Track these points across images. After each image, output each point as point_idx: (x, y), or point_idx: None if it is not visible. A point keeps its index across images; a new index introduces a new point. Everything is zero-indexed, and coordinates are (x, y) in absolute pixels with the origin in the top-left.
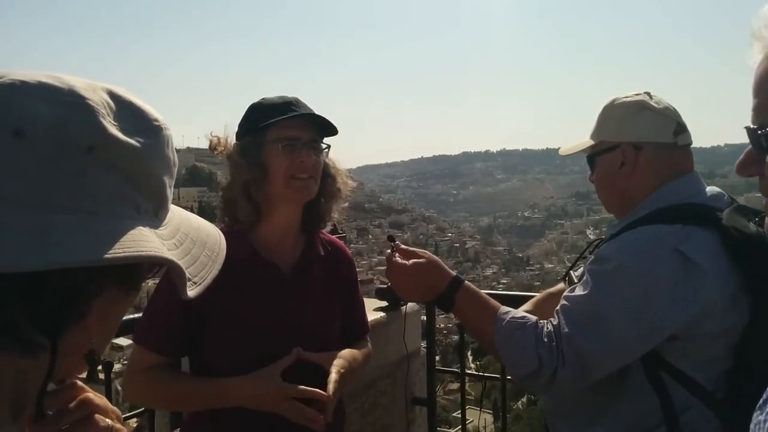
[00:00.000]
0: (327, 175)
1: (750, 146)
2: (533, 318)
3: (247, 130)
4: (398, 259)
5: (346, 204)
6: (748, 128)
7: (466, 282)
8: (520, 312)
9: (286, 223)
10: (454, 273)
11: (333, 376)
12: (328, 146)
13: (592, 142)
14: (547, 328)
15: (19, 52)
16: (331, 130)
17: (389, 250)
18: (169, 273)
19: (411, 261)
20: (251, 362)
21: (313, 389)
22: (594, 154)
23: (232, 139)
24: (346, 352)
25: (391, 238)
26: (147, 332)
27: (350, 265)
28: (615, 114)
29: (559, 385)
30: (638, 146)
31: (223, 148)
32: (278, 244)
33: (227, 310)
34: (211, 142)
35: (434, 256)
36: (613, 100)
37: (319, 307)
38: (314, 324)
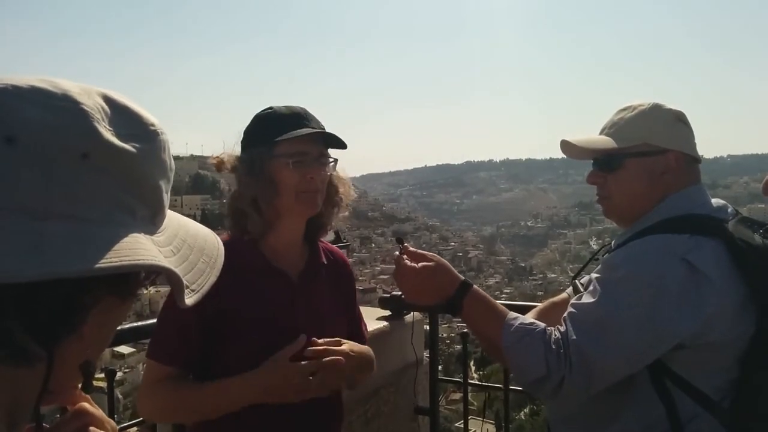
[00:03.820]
0: (330, 185)
1: None
2: (542, 325)
3: (254, 142)
4: (407, 262)
5: (347, 213)
6: None
7: (475, 286)
8: (529, 318)
9: (292, 234)
10: (462, 277)
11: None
12: (335, 160)
13: (612, 142)
14: (555, 335)
15: (24, 56)
16: (340, 144)
17: (397, 252)
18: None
19: (420, 264)
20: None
21: (312, 349)
22: (629, 155)
23: (235, 150)
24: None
25: (399, 240)
26: (161, 345)
27: (350, 275)
28: (665, 118)
29: (565, 392)
30: (687, 157)
31: (228, 165)
32: (286, 253)
33: (241, 319)
34: (216, 166)
35: (443, 260)
36: (659, 105)
37: (328, 312)
38: (325, 330)
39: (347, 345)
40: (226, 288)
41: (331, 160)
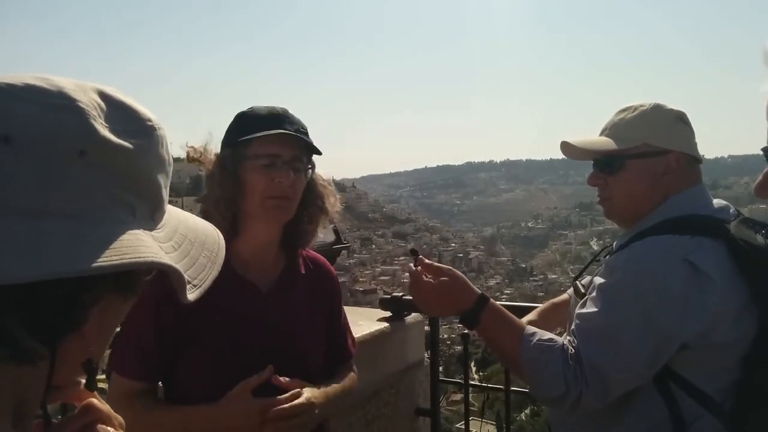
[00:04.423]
0: (314, 195)
1: (767, 168)
2: (559, 341)
3: (227, 142)
4: (424, 277)
5: (332, 225)
6: (765, 149)
7: (492, 300)
8: (547, 334)
9: (262, 241)
10: (479, 291)
11: (302, 398)
12: (312, 165)
13: (612, 143)
14: (571, 351)
15: (24, 56)
16: (315, 149)
17: (411, 264)
18: (149, 287)
19: (438, 280)
20: (226, 385)
21: (287, 402)
22: (629, 156)
23: (215, 148)
24: (320, 389)
25: (414, 252)
26: (122, 359)
27: (334, 284)
28: (665, 119)
29: (583, 406)
30: (688, 157)
31: (201, 158)
32: (256, 261)
33: (200, 331)
34: (188, 154)
35: (459, 273)
36: (660, 105)
37: (301, 328)
38: (296, 346)
39: (307, 394)
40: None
41: (309, 165)
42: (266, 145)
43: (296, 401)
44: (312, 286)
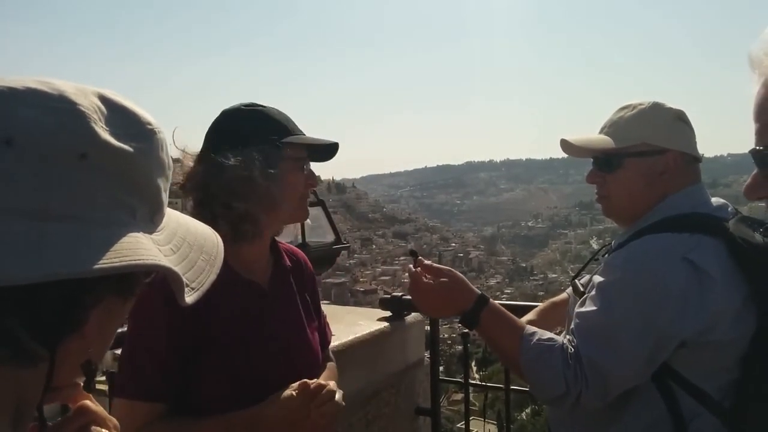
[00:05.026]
0: None
1: (756, 170)
2: (559, 340)
3: (254, 139)
4: (424, 278)
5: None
6: (753, 150)
7: (492, 300)
8: (547, 333)
9: (266, 243)
10: (479, 291)
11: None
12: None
13: (611, 142)
14: (570, 350)
15: (24, 58)
16: (323, 157)
17: (411, 266)
18: (158, 288)
19: (437, 281)
20: (247, 385)
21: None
22: (628, 155)
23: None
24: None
25: (413, 253)
26: (141, 381)
27: (312, 274)
28: (664, 118)
29: (583, 405)
30: (687, 156)
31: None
32: (257, 262)
33: (216, 337)
34: (183, 181)
35: (459, 274)
36: (659, 104)
37: (301, 318)
38: (306, 336)
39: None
40: (197, 308)
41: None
42: (301, 149)
43: (331, 384)
44: (297, 277)
